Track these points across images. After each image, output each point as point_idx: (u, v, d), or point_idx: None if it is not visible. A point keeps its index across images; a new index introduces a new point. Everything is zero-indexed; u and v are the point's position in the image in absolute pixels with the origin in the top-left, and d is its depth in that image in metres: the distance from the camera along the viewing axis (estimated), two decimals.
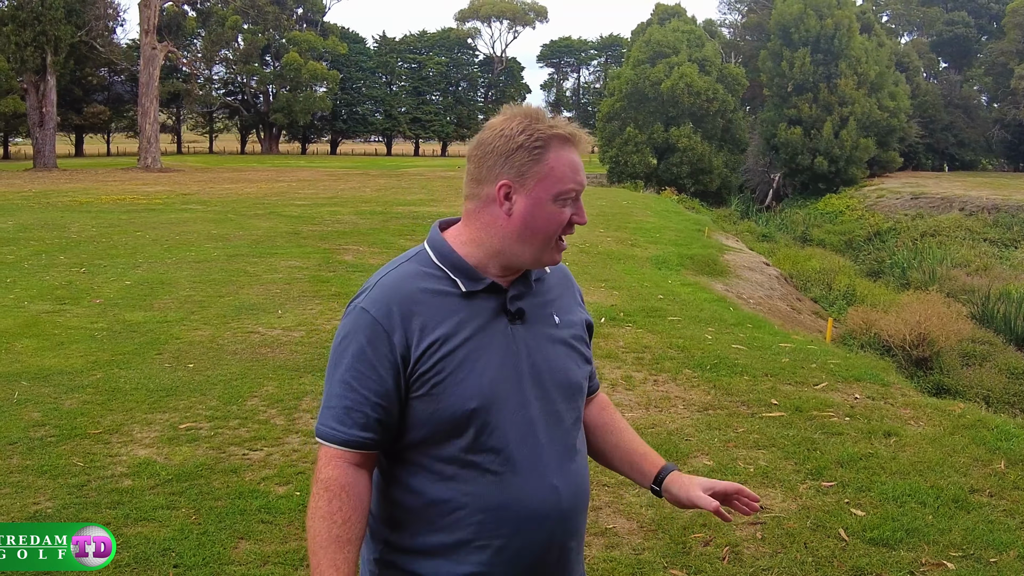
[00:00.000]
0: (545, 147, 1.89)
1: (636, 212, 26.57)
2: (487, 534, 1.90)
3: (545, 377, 1.97)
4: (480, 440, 1.89)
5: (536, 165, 1.89)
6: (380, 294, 1.91)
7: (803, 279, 22.48)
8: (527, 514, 1.91)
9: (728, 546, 4.57)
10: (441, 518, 1.91)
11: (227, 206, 24.85)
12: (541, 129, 1.90)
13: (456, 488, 1.90)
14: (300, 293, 11.58)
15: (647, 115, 52.11)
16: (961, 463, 5.76)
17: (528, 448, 1.92)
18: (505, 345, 1.94)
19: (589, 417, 2.25)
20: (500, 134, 1.91)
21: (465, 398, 1.87)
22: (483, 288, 1.94)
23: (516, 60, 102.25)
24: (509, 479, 1.90)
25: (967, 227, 30.99)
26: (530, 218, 1.90)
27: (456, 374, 1.88)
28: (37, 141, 50.44)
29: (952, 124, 59.09)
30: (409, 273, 1.95)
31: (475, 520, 1.90)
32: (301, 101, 78.63)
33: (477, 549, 1.90)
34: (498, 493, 1.90)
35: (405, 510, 1.95)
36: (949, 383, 12.47)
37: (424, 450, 1.92)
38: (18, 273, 12.97)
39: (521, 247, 1.93)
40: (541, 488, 1.92)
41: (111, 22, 66.88)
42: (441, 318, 1.89)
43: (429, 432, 1.90)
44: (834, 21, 49.10)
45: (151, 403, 6.85)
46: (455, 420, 1.88)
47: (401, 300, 1.89)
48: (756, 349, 9.08)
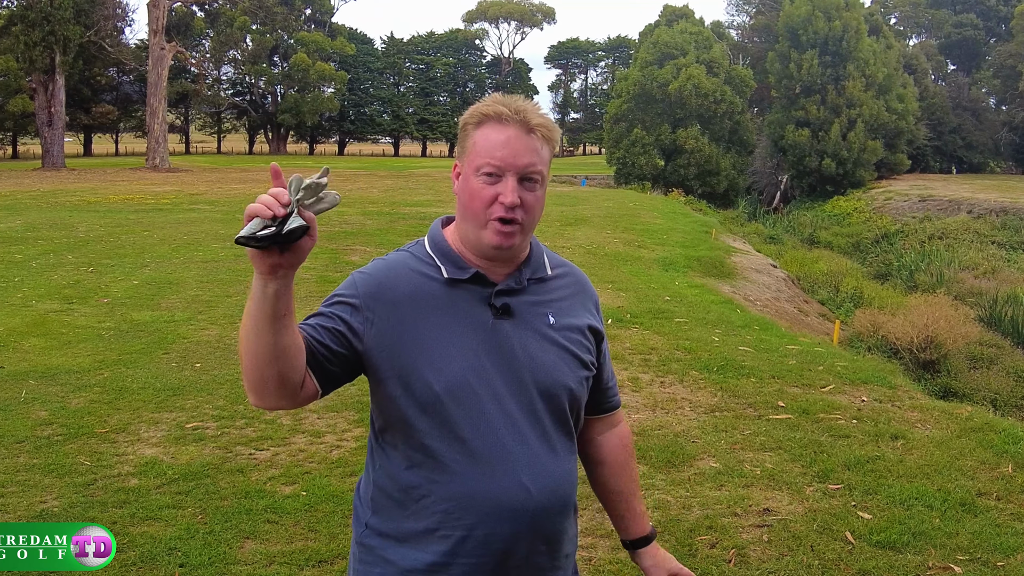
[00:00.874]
0: (475, 125, 1.95)
1: (643, 214, 26.55)
2: (450, 524, 1.90)
3: (526, 374, 1.96)
4: (445, 427, 1.90)
5: (466, 142, 1.98)
6: (372, 269, 2.02)
7: (810, 281, 22.45)
8: (491, 508, 1.90)
9: (734, 548, 4.56)
10: (411, 504, 1.94)
11: (235, 206, 24.88)
12: (478, 109, 1.97)
13: (423, 475, 1.92)
14: (307, 293, 11.58)
15: (654, 116, 52.11)
16: (968, 466, 5.74)
17: (496, 441, 1.91)
18: (484, 338, 1.94)
19: (604, 450, 2.26)
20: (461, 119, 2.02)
21: (430, 381, 1.89)
22: (468, 278, 1.97)
23: (523, 61, 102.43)
24: (474, 470, 1.90)
25: (975, 230, 30.93)
26: (461, 194, 1.97)
27: (424, 357, 1.91)
28: (45, 141, 50.56)
29: (960, 126, 58.96)
30: (401, 256, 2.05)
31: (440, 508, 1.91)
32: (309, 102, 78.72)
33: (441, 538, 1.91)
34: (462, 483, 1.90)
35: (383, 494, 1.99)
36: (956, 386, 12.44)
37: (396, 435, 1.96)
38: (26, 272, 13.00)
39: (465, 225, 1.98)
40: (508, 484, 1.91)
41: (120, 22, 67.07)
42: (416, 301, 1.94)
43: (399, 417, 1.92)
44: (842, 23, 49.06)
45: (158, 402, 6.87)
46: (421, 405, 1.90)
47: (386, 276, 1.98)
48: (763, 351, 9.06)
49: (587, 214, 24.62)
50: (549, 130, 1.96)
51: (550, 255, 2.15)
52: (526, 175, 1.92)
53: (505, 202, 1.89)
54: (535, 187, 1.94)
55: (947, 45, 66.84)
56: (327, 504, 4.96)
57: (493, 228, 1.92)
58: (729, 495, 5.23)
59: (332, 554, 4.38)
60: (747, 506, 5.08)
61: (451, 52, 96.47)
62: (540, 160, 1.94)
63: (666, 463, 5.72)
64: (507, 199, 1.89)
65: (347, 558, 4.28)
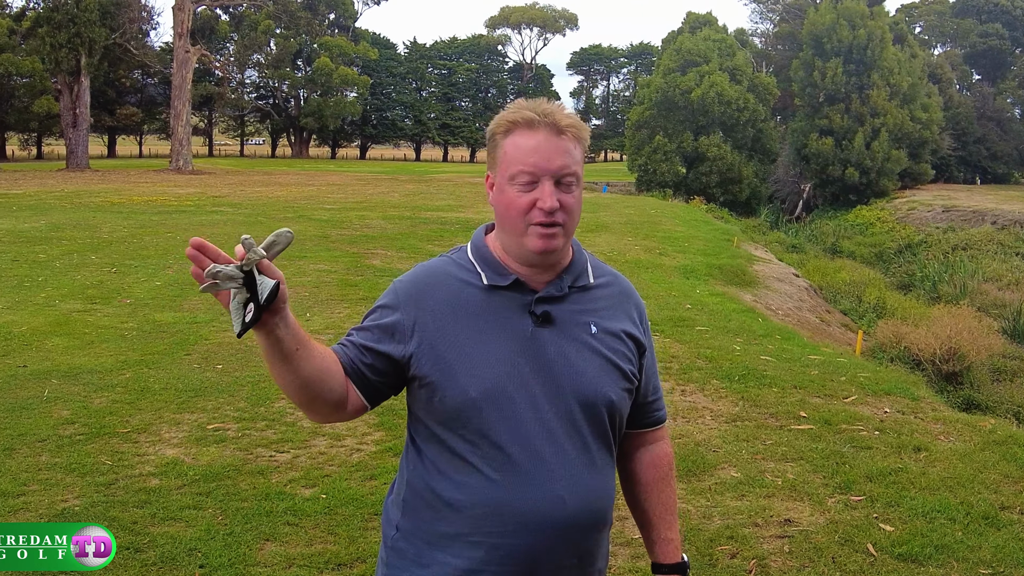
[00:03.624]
0: (504, 133, 1.93)
1: (664, 221, 26.48)
2: (482, 531, 1.88)
3: (565, 384, 1.92)
4: (481, 434, 1.88)
5: (495, 152, 1.95)
6: (411, 276, 2.03)
7: (832, 291, 22.33)
8: (524, 518, 1.87)
9: (755, 559, 4.53)
10: (444, 507, 1.92)
11: (257, 209, 25.00)
12: (505, 117, 1.94)
13: (458, 479, 1.90)
14: (328, 296, 11.62)
15: (677, 124, 52.01)
16: (991, 479, 5.69)
17: (533, 451, 1.88)
18: (523, 346, 1.92)
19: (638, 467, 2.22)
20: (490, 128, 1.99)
21: (467, 387, 1.88)
22: (508, 284, 1.95)
23: (546, 67, 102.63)
24: (509, 479, 1.88)
25: (999, 241, 30.70)
26: (497, 204, 1.95)
27: (462, 363, 1.89)
28: (70, 142, 50.96)
29: (985, 137, 58.56)
30: (444, 262, 2.05)
31: (472, 514, 1.89)
32: (331, 106, 79.03)
33: (472, 544, 1.89)
34: (496, 491, 1.88)
35: (416, 495, 1.97)
36: (979, 398, 12.33)
37: (432, 439, 1.95)
38: (50, 272, 13.09)
39: (504, 235, 1.98)
40: (544, 495, 1.88)
41: (145, 25, 67.45)
42: (456, 307, 1.94)
43: (436, 421, 1.93)
44: (867, 31, 48.85)
45: (179, 403, 6.89)
46: (458, 409, 1.89)
47: (426, 284, 1.99)
48: (785, 361, 9.01)
49: (608, 221, 24.58)
50: (579, 129, 1.93)
51: (595, 263, 2.12)
52: (561, 177, 1.90)
53: (544, 207, 1.87)
54: (572, 188, 1.92)
55: (972, 55, 66.38)
56: (347, 507, 4.96)
57: (535, 233, 1.90)
58: (750, 505, 5.19)
59: (351, 557, 4.38)
60: (768, 516, 5.04)
61: (473, 57, 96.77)
62: (573, 161, 1.91)
63: (687, 472, 5.69)
64: (546, 204, 1.87)
65: (366, 561, 4.29)
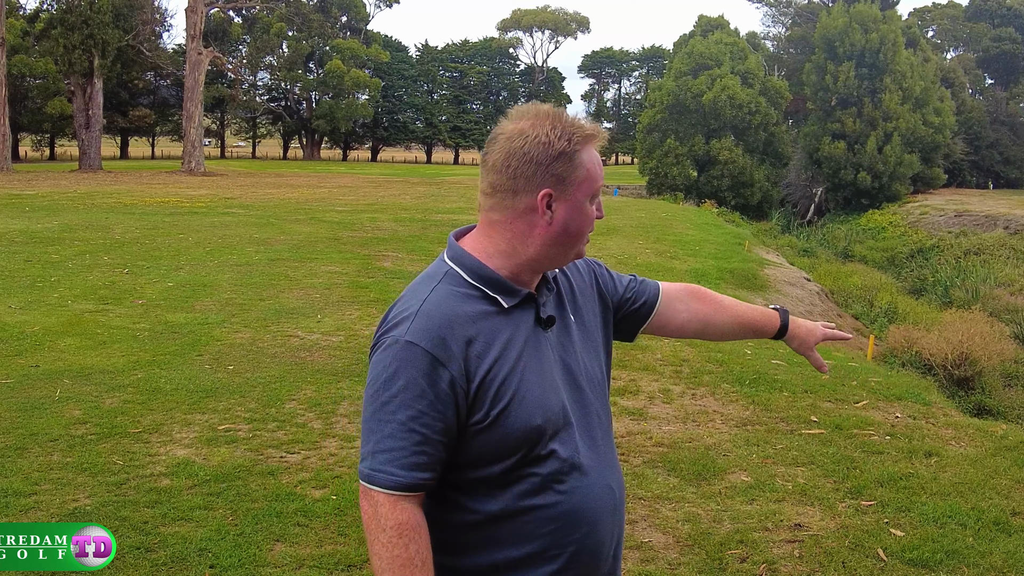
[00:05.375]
0: (581, 149, 1.86)
1: (676, 224, 26.47)
2: (561, 542, 1.87)
3: (580, 378, 1.96)
4: (547, 453, 1.86)
5: (575, 169, 1.85)
6: (426, 324, 1.79)
7: (844, 295, 22.26)
8: (592, 516, 1.90)
9: (765, 563, 4.52)
10: (507, 533, 1.86)
11: (269, 211, 25.07)
12: (575, 132, 1.86)
13: (524, 502, 1.85)
14: (339, 298, 11.64)
15: (688, 127, 51.99)
16: (1003, 485, 5.66)
17: (585, 451, 1.92)
18: (545, 354, 1.91)
19: (677, 311, 2.34)
20: (537, 142, 1.83)
21: (529, 416, 1.83)
22: (519, 301, 1.90)
23: (557, 70, 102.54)
24: (575, 485, 1.88)
25: (1011, 246, 30.56)
26: (570, 222, 1.87)
27: (517, 396, 1.83)
28: (83, 143, 51.19)
29: (998, 141, 58.40)
30: (447, 296, 1.85)
31: (546, 530, 1.86)
32: (343, 108, 79.23)
33: (550, 559, 1.87)
34: (568, 501, 1.87)
35: (462, 531, 1.87)
36: (991, 404, 12.29)
37: (486, 469, 1.85)
38: (62, 272, 13.14)
39: (559, 250, 1.91)
40: (601, 489, 1.93)
41: (158, 27, 67.95)
42: (491, 341, 1.83)
43: (494, 455, 1.84)
44: (879, 35, 48.75)
45: (191, 404, 6.91)
46: (524, 440, 1.83)
47: (450, 327, 1.79)
48: (796, 365, 8.99)
49: (619, 224, 24.57)
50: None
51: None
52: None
53: (601, 216, 1.94)
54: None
55: (985, 59, 66.21)
56: (357, 509, 4.93)
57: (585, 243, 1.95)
58: (760, 509, 5.18)
59: (361, 559, 4.39)
60: (778, 521, 5.03)
61: (485, 60, 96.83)
62: None
63: (697, 476, 5.68)
64: (602, 213, 1.95)
65: (361, 569, 4.28)
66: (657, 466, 5.84)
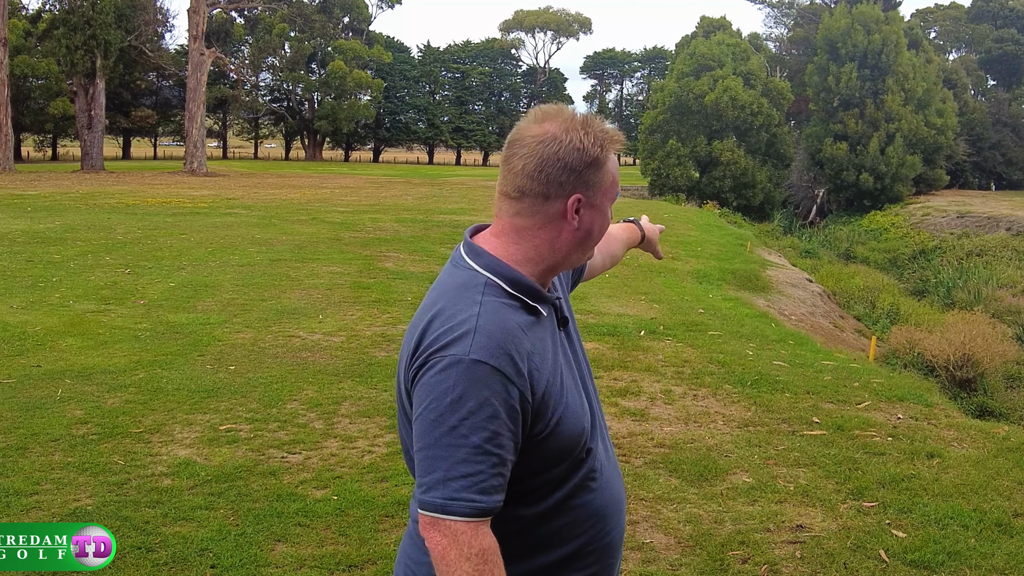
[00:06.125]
0: (606, 155, 1.84)
1: (678, 225, 26.43)
2: (597, 539, 1.91)
3: (586, 374, 2.00)
4: (585, 454, 1.88)
5: (602, 175, 1.85)
6: (488, 341, 1.71)
7: (846, 296, 22.27)
8: (615, 511, 1.97)
9: (766, 564, 4.51)
10: (548, 540, 1.85)
11: (271, 211, 25.06)
12: (606, 139, 1.84)
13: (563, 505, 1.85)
14: (341, 299, 11.64)
15: (690, 128, 51.95)
16: (1005, 486, 5.65)
17: (605, 447, 1.99)
18: (567, 354, 1.94)
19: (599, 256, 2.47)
20: (572, 147, 1.80)
21: (577, 419, 1.84)
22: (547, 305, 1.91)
23: (559, 71, 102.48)
24: (604, 482, 1.94)
25: (1014, 247, 30.54)
26: (594, 227, 1.87)
27: (564, 401, 1.82)
28: (85, 143, 51.19)
29: (1000, 143, 58.36)
30: (499, 309, 1.78)
31: (583, 530, 1.88)
32: (345, 109, 79.21)
33: (587, 554, 1.89)
34: (598, 498, 1.91)
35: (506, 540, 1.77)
36: (993, 405, 12.29)
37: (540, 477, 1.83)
38: (64, 272, 13.15)
39: (579, 254, 1.91)
40: (617, 483, 2.01)
41: (160, 27, 68.03)
42: (543, 352, 1.81)
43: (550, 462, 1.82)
44: (881, 36, 48.74)
45: (192, 404, 6.91)
46: (573, 443, 1.83)
47: (513, 343, 1.73)
48: (798, 366, 8.98)
49: None
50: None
51: None
52: None
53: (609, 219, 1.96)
54: None
55: (987, 60, 66.13)
56: (358, 509, 4.97)
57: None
58: (762, 510, 5.18)
59: (362, 559, 4.39)
60: (780, 522, 5.03)
61: (487, 61, 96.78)
62: None
63: (698, 477, 5.67)
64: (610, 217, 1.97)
65: (377, 563, 4.30)
66: (659, 467, 5.84)
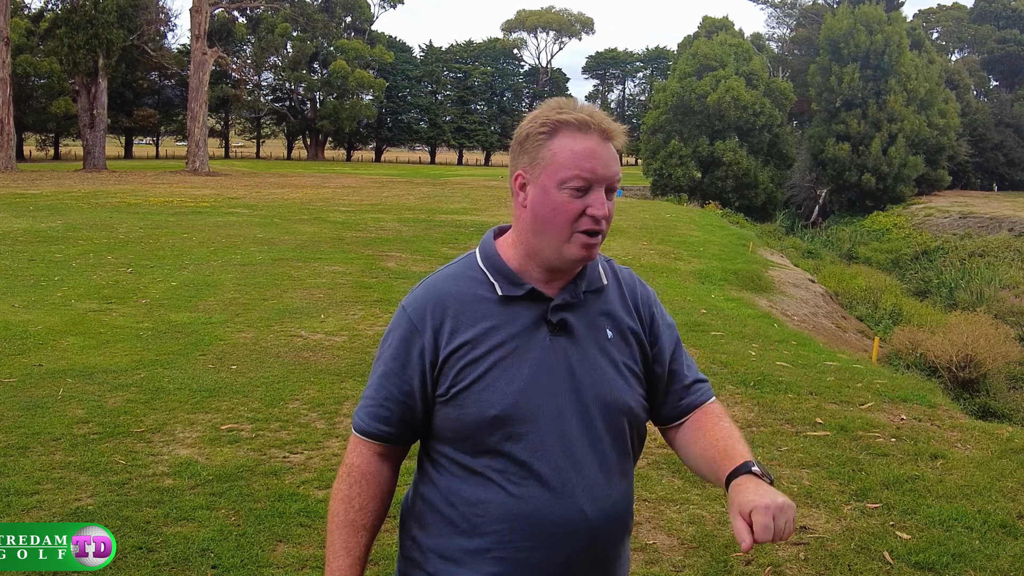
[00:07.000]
0: (551, 133, 1.83)
1: (680, 226, 26.42)
2: (506, 546, 1.84)
3: (585, 393, 1.88)
4: (504, 450, 1.83)
5: (542, 151, 1.84)
6: (420, 293, 1.94)
7: (849, 297, 22.25)
8: (548, 532, 1.84)
9: (770, 566, 4.49)
10: (463, 522, 1.87)
11: (273, 211, 25.05)
12: (550, 116, 1.84)
13: (479, 494, 1.85)
14: (343, 298, 11.63)
15: (692, 128, 51.92)
16: (1009, 488, 5.64)
17: (554, 463, 1.85)
18: (542, 356, 1.87)
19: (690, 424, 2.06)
20: (522, 123, 1.90)
21: (487, 405, 1.83)
22: (523, 294, 1.88)
23: (561, 71, 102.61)
24: (532, 492, 1.83)
25: (1016, 248, 30.49)
26: (539, 207, 1.85)
27: (481, 381, 1.84)
28: (87, 142, 51.21)
29: (1002, 143, 58.29)
30: (451, 275, 1.95)
31: (494, 529, 1.84)
32: (347, 108, 79.26)
33: (495, 560, 1.84)
34: (519, 505, 1.83)
35: (431, 508, 1.92)
36: (996, 406, 12.26)
37: (452, 451, 1.90)
38: (66, 271, 13.15)
39: (538, 240, 1.87)
40: (567, 507, 1.84)
41: (162, 27, 68.00)
42: (472, 322, 1.87)
43: (455, 436, 1.88)
44: (884, 37, 48.67)
45: (194, 403, 6.90)
46: (477, 427, 1.83)
47: (437, 301, 1.90)
48: (801, 367, 8.97)
49: (623, 225, 24.52)
50: (622, 135, 1.88)
51: (604, 263, 2.04)
52: (612, 185, 1.86)
53: (597, 215, 1.83)
54: (612, 196, 1.87)
55: (990, 61, 66.11)
56: None
57: (579, 241, 1.84)
58: None
59: None
60: None
61: (489, 61, 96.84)
62: (619, 168, 1.87)
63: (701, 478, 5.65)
64: (599, 212, 1.83)
65: (379, 564, 4.28)
66: (662, 468, 5.82)
